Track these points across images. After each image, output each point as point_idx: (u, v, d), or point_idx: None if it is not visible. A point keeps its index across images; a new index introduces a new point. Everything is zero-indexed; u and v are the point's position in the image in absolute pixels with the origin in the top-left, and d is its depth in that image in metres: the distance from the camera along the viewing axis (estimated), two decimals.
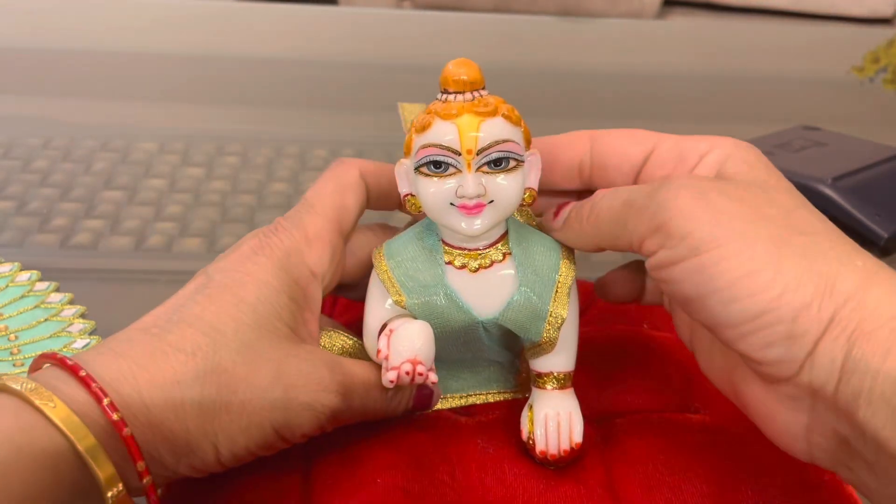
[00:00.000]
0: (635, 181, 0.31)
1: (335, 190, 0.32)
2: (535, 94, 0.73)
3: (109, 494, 0.23)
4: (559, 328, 0.30)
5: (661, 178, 0.28)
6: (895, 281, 0.23)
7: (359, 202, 0.33)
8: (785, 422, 0.25)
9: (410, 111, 0.36)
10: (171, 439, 0.25)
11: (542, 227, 0.32)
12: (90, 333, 0.40)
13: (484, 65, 0.29)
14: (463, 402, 0.34)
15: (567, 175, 0.32)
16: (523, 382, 0.34)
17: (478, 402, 0.34)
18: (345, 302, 0.40)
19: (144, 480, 0.25)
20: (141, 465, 0.24)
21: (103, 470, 0.23)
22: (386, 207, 0.34)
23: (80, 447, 0.23)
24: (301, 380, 0.28)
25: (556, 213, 0.31)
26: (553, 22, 0.94)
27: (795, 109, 0.72)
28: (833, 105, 0.76)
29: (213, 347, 0.26)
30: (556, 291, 0.30)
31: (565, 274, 0.30)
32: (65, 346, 0.39)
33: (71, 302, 0.42)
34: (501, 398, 0.34)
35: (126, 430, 0.24)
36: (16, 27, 0.80)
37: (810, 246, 0.23)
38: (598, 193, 0.29)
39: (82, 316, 0.41)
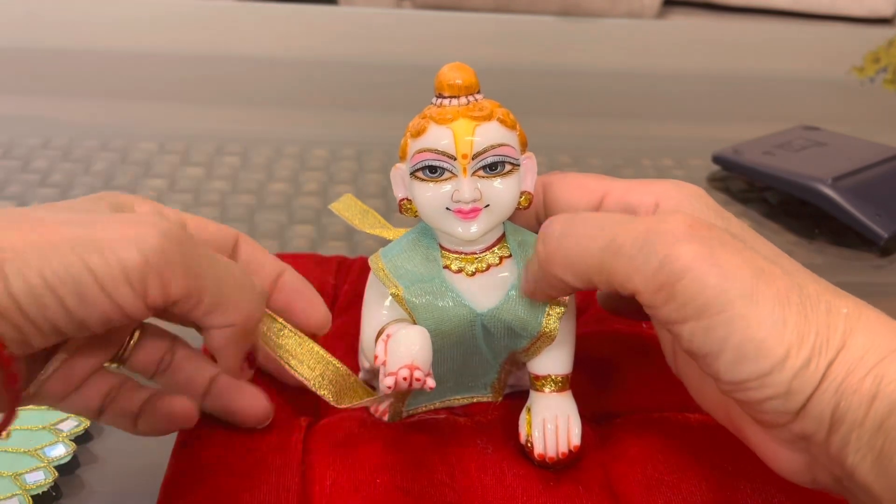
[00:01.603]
0: None
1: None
2: (536, 94, 0.73)
3: None
4: (559, 318, 0.30)
5: (646, 214, 0.28)
6: (876, 322, 0.23)
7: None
8: (787, 459, 0.25)
9: (346, 206, 0.36)
10: None
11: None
12: None
13: (484, 65, 0.29)
14: (435, 405, 0.34)
15: (527, 223, 0.32)
16: (496, 389, 0.34)
17: (455, 406, 0.34)
18: (344, 301, 0.40)
19: None
20: None
21: None
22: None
23: None
24: (118, 234, 0.24)
25: None
26: (553, 22, 0.93)
27: (795, 109, 0.72)
28: (833, 105, 0.76)
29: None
30: None
31: None
32: None
33: None
34: (475, 401, 0.34)
35: None
36: (16, 27, 0.80)
37: (805, 302, 0.23)
38: (552, 224, 0.27)
39: None
